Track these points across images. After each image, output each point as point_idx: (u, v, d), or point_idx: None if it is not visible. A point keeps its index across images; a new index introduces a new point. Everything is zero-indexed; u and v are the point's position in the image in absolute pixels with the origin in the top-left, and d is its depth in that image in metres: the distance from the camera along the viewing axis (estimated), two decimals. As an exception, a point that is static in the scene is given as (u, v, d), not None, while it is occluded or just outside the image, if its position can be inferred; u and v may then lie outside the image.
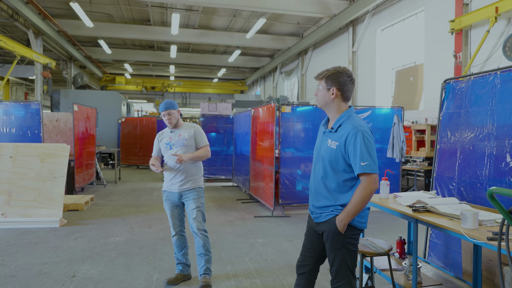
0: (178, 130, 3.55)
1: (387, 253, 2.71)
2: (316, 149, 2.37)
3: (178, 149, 3.44)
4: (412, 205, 2.77)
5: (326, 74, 2.23)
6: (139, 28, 15.55)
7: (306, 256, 2.37)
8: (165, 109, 3.49)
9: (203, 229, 3.45)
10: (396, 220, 6.26)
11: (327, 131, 2.28)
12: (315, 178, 2.32)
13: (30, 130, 7.36)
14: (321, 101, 2.27)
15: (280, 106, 6.75)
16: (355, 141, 2.08)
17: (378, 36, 11.86)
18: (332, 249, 2.20)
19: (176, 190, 3.44)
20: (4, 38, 10.62)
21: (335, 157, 2.17)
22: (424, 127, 8.53)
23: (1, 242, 4.74)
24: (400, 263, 3.27)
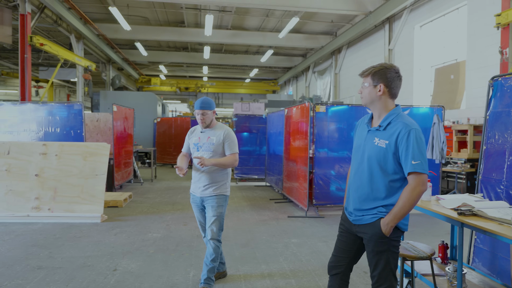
0: (209, 131, 3.35)
1: (429, 257, 2.61)
2: (358, 148, 2.28)
3: (204, 152, 3.28)
4: (457, 208, 2.65)
5: (373, 70, 2.17)
6: (174, 30, 15.92)
7: (339, 257, 2.34)
8: (200, 107, 3.26)
9: (216, 239, 3.28)
10: (436, 223, 6.02)
11: (372, 129, 2.21)
12: (357, 179, 2.24)
13: (73, 130, 7.72)
14: (367, 98, 2.21)
15: (314, 105, 6.68)
16: (407, 140, 2.03)
17: (417, 32, 11.46)
18: (375, 253, 2.14)
19: (199, 195, 3.32)
20: (49, 42, 11.21)
21: (384, 156, 2.11)
22: (466, 127, 8.15)
23: (49, 235, 5.01)
24: (442, 268, 3.14)
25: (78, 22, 12.98)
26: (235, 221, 6.04)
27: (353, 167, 2.30)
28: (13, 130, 7.65)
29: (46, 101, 8.56)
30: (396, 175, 2.11)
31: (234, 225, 5.75)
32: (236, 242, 4.85)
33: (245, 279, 3.64)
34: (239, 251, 4.50)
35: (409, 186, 2.04)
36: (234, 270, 3.88)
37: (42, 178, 5.95)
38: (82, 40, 14.57)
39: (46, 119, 7.74)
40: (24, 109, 7.74)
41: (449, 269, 2.87)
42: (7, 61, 20.05)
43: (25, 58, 9.93)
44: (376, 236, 2.11)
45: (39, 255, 4.20)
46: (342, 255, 2.32)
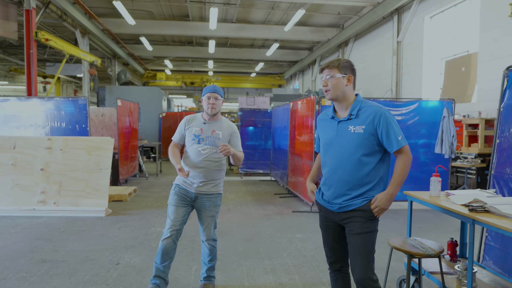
0: (213, 123, 3.05)
1: (438, 255, 2.52)
2: (332, 142, 2.28)
3: (206, 147, 2.97)
4: (468, 204, 2.55)
5: (339, 63, 2.25)
6: (179, 24, 15.83)
7: (336, 249, 2.37)
8: (213, 90, 2.99)
9: (212, 239, 3.10)
10: (444, 219, 5.91)
11: (343, 120, 2.25)
12: (340, 170, 2.23)
13: (78, 125, 7.71)
14: (337, 90, 2.24)
15: (319, 99, 6.58)
16: (386, 120, 2.16)
17: (426, 24, 11.21)
18: (361, 234, 2.18)
19: (193, 190, 2.98)
20: (54, 38, 11.21)
21: (363, 141, 2.17)
22: (477, 121, 7.94)
23: (54, 228, 5.01)
24: (451, 266, 3.05)
25: (82, 17, 12.96)
26: (239, 215, 6.00)
27: (330, 161, 2.29)
28: (20, 125, 7.66)
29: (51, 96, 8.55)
30: (377, 156, 2.21)
31: (238, 220, 5.70)
32: (240, 237, 4.80)
33: (248, 274, 3.59)
34: (242, 246, 4.45)
35: (402, 157, 2.19)
36: (236, 265, 3.83)
37: (47, 172, 5.95)
38: (87, 35, 14.56)
39: (51, 114, 7.73)
40: (30, 104, 7.74)
41: (458, 267, 2.78)
42: (15, 57, 20.16)
43: (31, 53, 9.93)
44: (365, 217, 2.18)
45: (44, 248, 4.20)
46: (338, 246, 2.35)
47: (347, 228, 2.25)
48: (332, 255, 2.40)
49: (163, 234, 2.94)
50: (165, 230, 2.95)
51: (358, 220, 2.20)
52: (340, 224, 2.30)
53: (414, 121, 6.82)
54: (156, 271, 2.95)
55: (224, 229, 5.15)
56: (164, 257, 2.92)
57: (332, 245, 2.38)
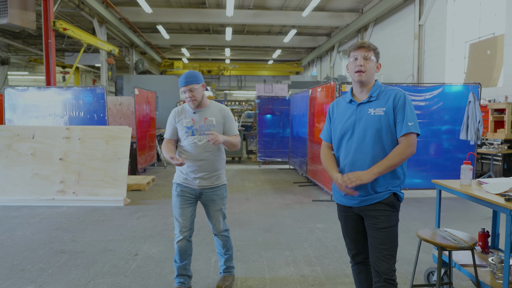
0: (203, 111, 2.83)
1: (471, 247, 2.36)
2: (348, 126, 2.16)
3: (202, 137, 2.78)
4: (504, 193, 2.37)
5: (376, 47, 2.18)
6: (195, 12, 15.67)
7: (358, 241, 2.28)
8: (185, 83, 2.71)
9: (224, 230, 2.99)
10: (469, 207, 5.68)
11: (363, 102, 2.16)
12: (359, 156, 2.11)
13: (96, 114, 7.74)
14: (370, 73, 2.14)
15: (340, 85, 6.36)
16: (404, 103, 2.09)
17: (450, 6, 10.72)
18: (385, 229, 2.09)
19: (196, 186, 2.82)
20: (72, 27, 11.24)
21: (384, 123, 2.09)
22: (504, 105, 7.60)
23: (73, 218, 5.05)
24: (483, 259, 2.88)
25: (100, 6, 12.95)
26: (258, 204, 5.91)
27: (350, 147, 2.15)
28: (39, 115, 7.75)
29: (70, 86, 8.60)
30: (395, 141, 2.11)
31: (257, 209, 5.62)
32: (259, 227, 4.72)
33: (269, 266, 3.51)
34: (262, 236, 4.37)
35: (403, 144, 2.06)
36: (257, 256, 3.75)
37: (66, 162, 5.99)
38: (105, 25, 14.58)
39: (70, 103, 7.78)
40: (48, 94, 7.81)
41: (492, 260, 2.61)
42: (34, 48, 20.46)
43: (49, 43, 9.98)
44: (389, 211, 2.10)
45: (63, 239, 4.22)
46: (359, 237, 2.27)
47: (370, 221, 2.14)
48: (354, 247, 2.31)
49: (176, 236, 2.85)
50: (176, 232, 2.86)
51: (382, 214, 2.10)
52: (360, 215, 2.21)
53: (438, 106, 6.54)
54: (178, 270, 2.91)
55: (244, 218, 5.08)
56: (183, 256, 2.88)
57: (354, 236, 2.28)
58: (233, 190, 7.03)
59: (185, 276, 2.94)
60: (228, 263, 3.10)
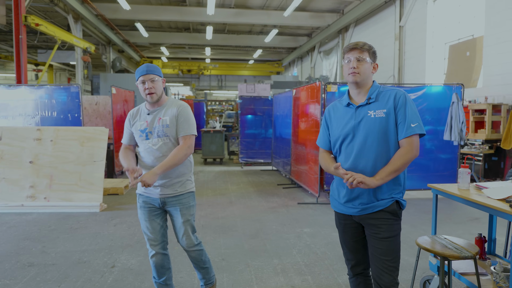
0: (158, 110, 2.49)
1: (474, 256, 2.24)
2: (347, 131, 2.03)
3: (157, 139, 2.44)
4: (508, 199, 2.26)
5: (371, 47, 2.08)
6: (175, 9, 15.29)
7: (358, 250, 2.15)
8: (146, 72, 2.38)
9: (194, 244, 2.60)
10: (454, 209, 5.66)
11: (362, 105, 2.04)
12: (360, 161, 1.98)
13: (71, 114, 7.33)
14: (364, 74, 2.03)
15: (325, 85, 6.24)
16: (404, 102, 1.97)
17: (430, 8, 10.82)
18: (388, 238, 1.97)
19: (157, 196, 2.48)
20: (45, 23, 10.71)
21: (386, 125, 1.97)
22: (484, 106, 7.71)
23: (43, 226, 4.69)
24: (482, 266, 2.77)
25: (75, 1, 12.40)
26: (242, 208, 5.70)
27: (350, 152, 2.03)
28: (8, 115, 7.28)
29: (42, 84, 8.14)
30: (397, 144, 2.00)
31: (241, 213, 5.41)
32: (245, 233, 4.51)
33: (257, 276, 3.30)
34: (248, 242, 4.16)
35: (404, 147, 1.94)
36: (243, 265, 3.54)
37: (37, 165, 5.60)
38: (81, 21, 14.02)
39: (42, 102, 7.34)
40: (18, 92, 7.34)
41: (495, 268, 2.50)
42: (5, 44, 19.51)
43: (20, 39, 9.45)
44: (392, 219, 1.99)
45: (32, 250, 3.88)
46: (359, 246, 2.14)
47: (371, 230, 2.01)
48: (353, 257, 2.17)
49: (149, 251, 2.57)
50: (148, 246, 2.56)
51: (385, 223, 1.98)
52: (360, 223, 2.07)
53: (422, 107, 6.52)
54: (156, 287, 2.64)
55: (228, 224, 4.86)
56: (160, 271, 2.59)
57: (354, 246, 2.15)
58: (215, 193, 6.79)
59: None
60: (206, 274, 2.78)
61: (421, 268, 3.45)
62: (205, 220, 5.04)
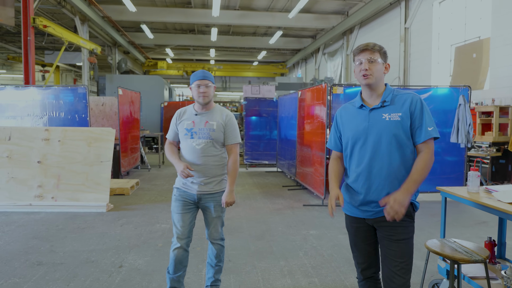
0: (206, 114, 2.70)
1: (484, 260, 2.23)
2: (360, 133, 2.03)
3: (201, 140, 2.65)
4: (519, 202, 2.25)
5: (381, 48, 2.07)
6: (180, 11, 15.36)
7: (369, 254, 2.13)
8: (203, 77, 2.63)
9: (220, 238, 2.81)
10: (461, 212, 5.63)
11: (376, 107, 2.03)
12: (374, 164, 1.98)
13: (78, 114, 7.38)
14: (376, 76, 2.02)
15: (331, 87, 6.24)
16: (421, 107, 1.97)
17: (435, 9, 10.79)
18: (402, 240, 1.96)
19: (195, 192, 2.67)
20: (53, 24, 10.79)
21: (401, 129, 1.96)
22: (491, 108, 7.66)
23: (51, 226, 4.73)
24: (492, 270, 2.75)
25: (82, 3, 12.51)
26: (248, 210, 5.71)
27: (363, 155, 2.03)
28: (16, 115, 7.34)
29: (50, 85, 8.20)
30: (411, 148, 2.00)
31: (247, 215, 5.41)
32: (251, 234, 4.51)
33: (263, 278, 3.31)
34: (254, 244, 4.17)
35: (425, 153, 1.95)
36: (250, 266, 3.54)
37: (45, 165, 5.65)
38: (87, 23, 14.12)
39: (50, 103, 7.40)
40: (27, 93, 7.41)
41: (506, 272, 2.48)
42: (13, 45, 19.69)
43: (28, 40, 9.53)
44: (406, 221, 1.98)
45: (40, 249, 3.91)
46: (370, 249, 2.13)
47: (385, 232, 2.00)
48: (364, 260, 2.15)
49: (173, 243, 2.70)
50: (174, 239, 2.70)
51: (400, 225, 1.97)
52: (372, 226, 2.07)
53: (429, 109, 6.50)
54: (171, 282, 2.71)
55: (233, 225, 4.87)
56: (178, 267, 2.69)
57: (364, 249, 2.14)
58: (221, 194, 6.80)
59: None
60: (217, 275, 2.87)
61: (429, 271, 3.43)
62: (211, 221, 5.05)
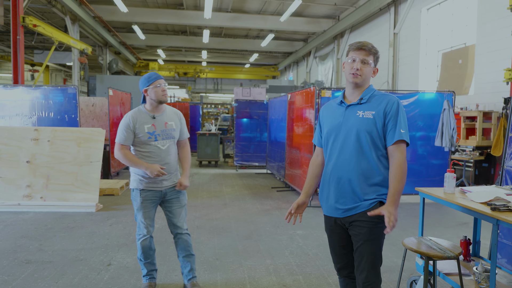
0: (162, 115, 2.85)
1: (456, 256, 2.35)
2: (334, 128, 2.08)
3: (165, 142, 2.82)
4: (489, 202, 2.38)
5: (376, 51, 2.09)
6: (172, 13, 15.40)
7: (343, 255, 2.18)
8: (161, 77, 2.81)
9: (186, 228, 2.99)
10: (444, 213, 5.79)
11: (353, 105, 2.07)
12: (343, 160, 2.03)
13: (68, 115, 7.39)
14: (365, 77, 2.06)
15: (319, 90, 6.36)
16: (397, 109, 2.00)
17: (423, 16, 11.04)
18: (369, 241, 1.99)
19: (162, 188, 2.85)
20: (43, 24, 10.75)
21: (372, 127, 2.00)
22: (475, 113, 7.88)
23: (40, 225, 4.75)
24: (466, 267, 2.88)
25: (73, 3, 12.48)
26: (236, 210, 5.79)
27: (334, 150, 2.08)
28: (5, 115, 7.31)
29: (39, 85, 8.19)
30: (383, 149, 2.03)
31: (236, 215, 5.49)
32: (238, 234, 4.60)
33: (249, 275, 3.40)
34: (242, 243, 4.25)
35: (397, 157, 1.97)
36: (237, 264, 3.63)
37: (33, 165, 5.66)
38: (78, 23, 14.07)
39: (39, 103, 7.39)
40: (15, 93, 7.39)
41: (477, 269, 2.61)
42: (1, 44, 19.49)
43: (18, 39, 9.49)
44: (371, 223, 1.98)
45: (29, 248, 3.94)
46: (344, 251, 2.17)
47: (355, 231, 2.04)
48: (339, 260, 2.21)
49: (141, 236, 2.89)
50: (141, 232, 2.88)
51: (368, 225, 1.99)
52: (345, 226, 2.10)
53: (414, 113, 6.67)
54: (146, 267, 2.97)
55: (222, 225, 4.95)
56: (149, 253, 2.93)
57: (340, 250, 2.18)
58: (210, 195, 6.87)
59: (154, 270, 3.04)
60: (194, 265, 3.07)
61: (410, 269, 3.56)
62: (200, 221, 5.13)
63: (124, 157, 2.77)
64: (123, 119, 2.82)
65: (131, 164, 2.77)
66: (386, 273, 3.44)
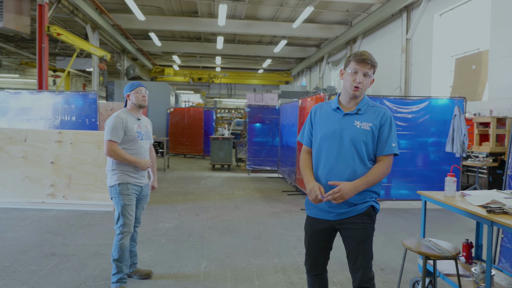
0: (142, 119, 3.25)
1: (454, 257, 2.47)
2: (330, 134, 2.14)
3: (147, 142, 3.23)
4: (486, 205, 2.50)
5: (376, 64, 2.16)
6: (187, 20, 15.79)
7: (318, 256, 2.24)
8: (142, 84, 3.19)
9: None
10: (455, 219, 5.83)
11: (350, 113, 2.15)
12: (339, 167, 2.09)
13: (88, 118, 7.73)
14: (364, 89, 2.14)
15: (329, 96, 6.51)
16: (390, 123, 2.14)
17: (436, 21, 11.05)
18: (360, 242, 2.09)
19: (142, 184, 3.18)
20: (66, 32, 11.24)
21: (369, 138, 2.11)
22: (489, 119, 7.83)
23: (63, 222, 5.04)
24: (467, 269, 2.99)
25: (93, 12, 12.98)
26: (247, 212, 5.97)
27: (329, 156, 2.13)
28: (31, 118, 7.71)
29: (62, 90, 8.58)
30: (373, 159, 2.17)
31: (246, 217, 5.68)
32: (249, 234, 4.78)
33: (258, 273, 3.57)
34: (251, 243, 4.43)
35: (384, 163, 2.12)
36: (246, 263, 3.81)
37: (57, 166, 5.98)
38: (98, 30, 14.59)
39: (62, 107, 7.76)
40: (40, 98, 7.78)
41: (475, 270, 2.72)
42: (26, 51, 20.29)
43: (43, 47, 9.98)
44: (364, 224, 2.10)
45: (53, 242, 4.22)
46: (320, 252, 2.24)
47: (347, 233, 2.11)
48: (312, 260, 2.25)
49: (125, 233, 3.03)
50: (124, 229, 3.03)
51: (360, 226, 2.09)
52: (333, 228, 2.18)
53: (425, 119, 6.73)
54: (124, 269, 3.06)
55: (233, 226, 5.14)
56: (127, 254, 3.09)
57: (315, 251, 2.24)
58: (222, 198, 7.07)
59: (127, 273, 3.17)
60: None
61: (413, 271, 3.67)
62: (211, 221, 5.33)
63: (118, 153, 2.99)
64: (114, 119, 3.02)
65: (125, 160, 3.01)
66: (391, 275, 3.56)
